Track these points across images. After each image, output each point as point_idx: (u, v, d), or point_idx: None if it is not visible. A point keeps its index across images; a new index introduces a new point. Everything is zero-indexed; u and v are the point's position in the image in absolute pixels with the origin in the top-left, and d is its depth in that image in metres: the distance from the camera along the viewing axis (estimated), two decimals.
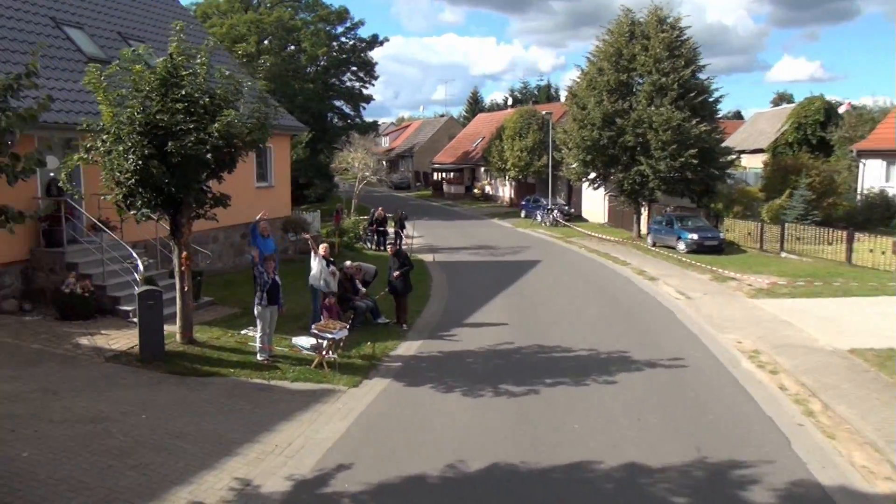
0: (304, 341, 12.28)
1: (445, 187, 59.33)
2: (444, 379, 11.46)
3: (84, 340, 11.94)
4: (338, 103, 49.54)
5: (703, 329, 14.91)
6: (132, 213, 11.20)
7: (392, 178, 72.90)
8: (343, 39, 47.84)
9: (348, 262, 14.98)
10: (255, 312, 11.73)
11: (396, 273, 15.00)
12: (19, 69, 14.49)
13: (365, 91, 49.02)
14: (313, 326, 11.84)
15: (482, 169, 55.62)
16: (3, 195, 13.23)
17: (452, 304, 17.72)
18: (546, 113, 40.96)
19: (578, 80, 32.96)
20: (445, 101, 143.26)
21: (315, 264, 14.02)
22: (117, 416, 9.02)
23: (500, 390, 10.85)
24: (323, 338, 11.64)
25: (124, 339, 11.96)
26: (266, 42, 44.02)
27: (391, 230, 29.07)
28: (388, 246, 15.55)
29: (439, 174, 63.45)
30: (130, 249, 13.33)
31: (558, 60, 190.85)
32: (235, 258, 20.31)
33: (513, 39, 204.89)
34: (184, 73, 10.80)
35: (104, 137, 10.71)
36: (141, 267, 13.08)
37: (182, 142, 10.45)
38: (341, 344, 12.32)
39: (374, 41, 47.73)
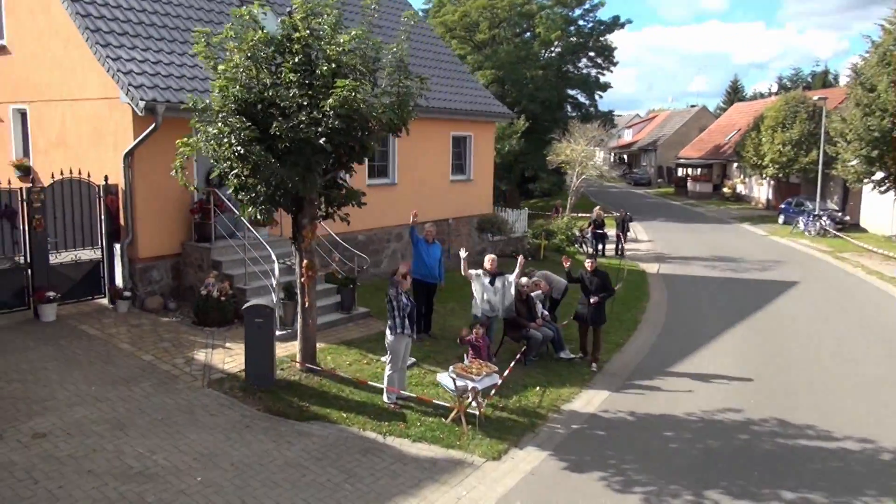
0: (450, 381, 9.47)
1: (690, 185, 53.02)
2: (623, 465, 7.95)
3: (200, 355, 10.31)
4: (572, 92, 46.11)
5: None
6: (250, 210, 9.18)
7: (631, 174, 67.91)
8: (581, 23, 44.25)
9: (524, 279, 11.88)
10: (387, 343, 9.17)
11: (594, 299, 11.58)
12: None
13: (602, 78, 45.00)
14: (452, 368, 8.96)
15: (734, 165, 48.63)
16: (165, 186, 12.23)
17: (667, 338, 13.78)
18: (818, 98, 33.79)
19: (867, 54, 26.10)
20: (701, 92, 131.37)
21: (475, 285, 11.14)
22: (167, 474, 6.96)
23: (706, 502, 7.09)
24: (465, 383, 8.72)
25: (242, 358, 10.10)
26: (497, 29, 42.04)
27: (612, 232, 25.27)
28: (588, 260, 12.12)
29: (684, 170, 57.13)
30: (270, 249, 11.54)
31: (840, 45, 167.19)
32: None
33: (784, 23, 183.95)
34: (301, 33, 8.46)
35: (221, 117, 8.74)
36: (277, 271, 11.22)
37: (289, 122, 8.15)
38: (492, 392, 9.32)
39: (615, 23, 43.47)
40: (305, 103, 8.26)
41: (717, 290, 18.90)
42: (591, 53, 45.23)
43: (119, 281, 12.16)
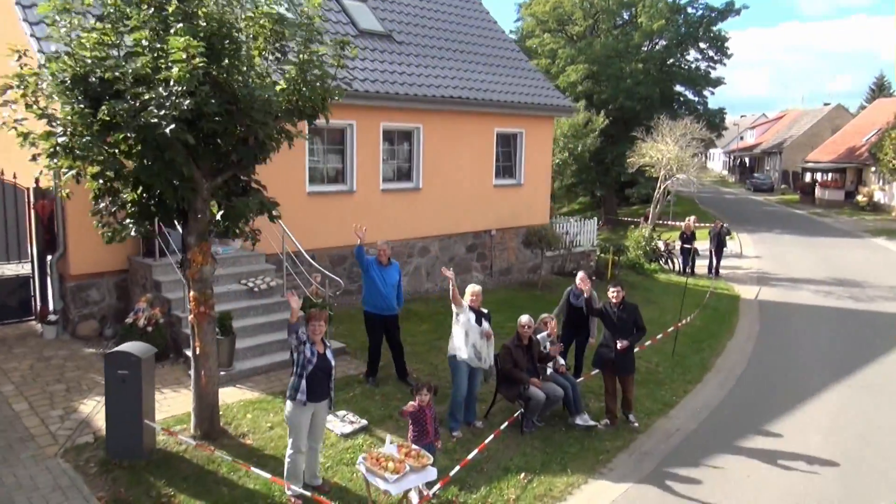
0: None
1: (818, 191, 46.87)
2: None
3: (89, 404, 8.15)
4: (681, 88, 41.58)
5: None
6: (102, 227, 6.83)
7: (751, 178, 61.82)
8: (689, 11, 39.77)
9: (525, 317, 8.86)
10: (285, 413, 6.60)
11: (623, 343, 8.59)
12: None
13: (713, 73, 40.27)
14: (362, 458, 6.20)
15: (871, 170, 42.32)
16: None
17: (739, 396, 10.36)
18: None
19: None
20: (843, 92, 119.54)
21: (458, 321, 8.33)
22: None
23: None
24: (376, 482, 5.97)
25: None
26: (593, 20, 38.46)
27: (704, 247, 21.45)
28: (613, 289, 9.03)
29: (811, 175, 50.81)
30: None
31: None
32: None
33: None
34: None
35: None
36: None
37: (123, 103, 5.76)
38: (435, 487, 6.51)
39: (729, 10, 38.72)
40: (158, 77, 5.84)
41: (826, 325, 14.93)
42: (702, 45, 40.63)
43: (51, 301, 10.32)
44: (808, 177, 51.71)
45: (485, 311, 8.39)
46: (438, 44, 15.84)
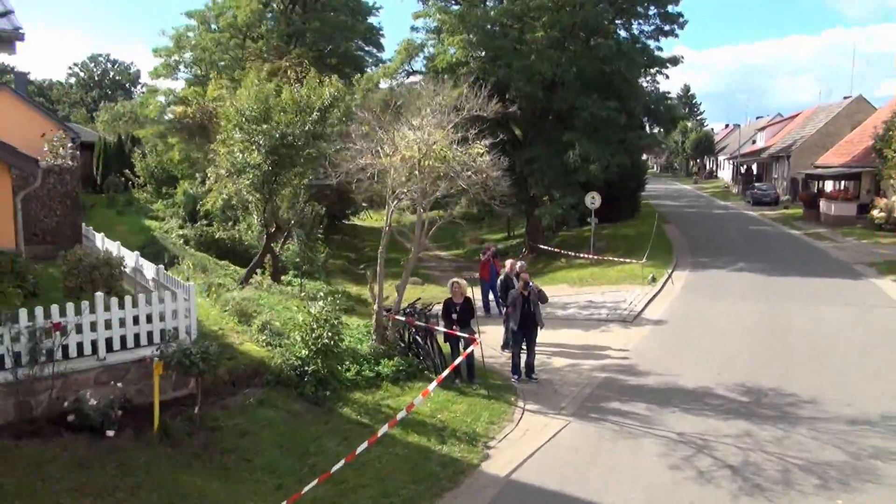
0: None
1: (823, 205, 35.25)
2: None
3: None
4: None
5: None
6: None
7: (752, 189, 50.20)
8: None
9: None
10: None
11: None
12: None
13: (662, 49, 29.48)
14: None
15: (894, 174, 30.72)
16: None
17: None
18: None
19: None
20: (888, 97, 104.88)
21: None
22: None
23: None
24: None
25: None
26: None
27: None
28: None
29: (819, 183, 39.25)
30: None
31: None
32: None
33: None
34: None
35: None
36: None
37: None
38: None
39: None
40: None
41: None
42: (650, 11, 29.82)
43: None
44: (816, 185, 40.16)
45: None
46: None
